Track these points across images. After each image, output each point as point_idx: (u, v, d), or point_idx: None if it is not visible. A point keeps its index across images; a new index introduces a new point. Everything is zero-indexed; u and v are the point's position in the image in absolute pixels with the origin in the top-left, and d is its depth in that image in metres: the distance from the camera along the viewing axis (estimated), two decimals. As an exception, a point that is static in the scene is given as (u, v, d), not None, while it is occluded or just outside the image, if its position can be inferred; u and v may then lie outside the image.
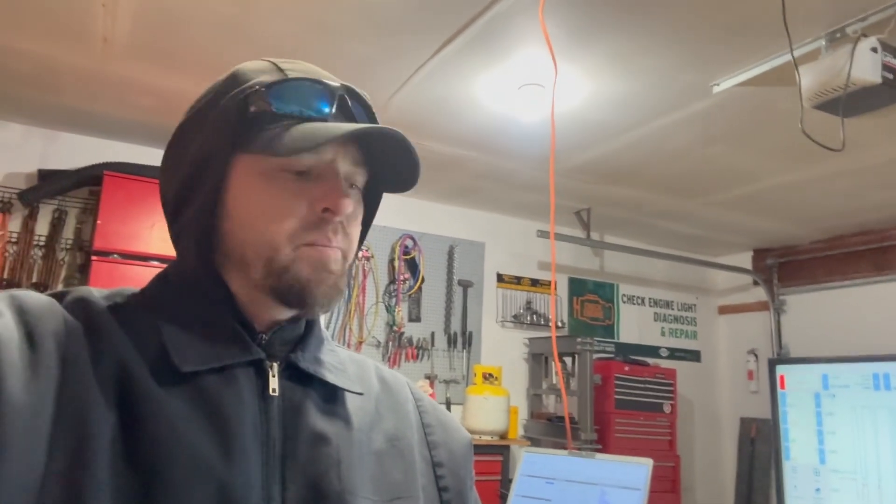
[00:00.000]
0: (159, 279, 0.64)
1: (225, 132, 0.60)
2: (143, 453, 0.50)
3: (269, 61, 0.64)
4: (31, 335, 0.50)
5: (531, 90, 2.67)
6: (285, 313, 0.62)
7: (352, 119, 0.63)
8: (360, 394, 0.66)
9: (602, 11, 2.14)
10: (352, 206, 0.60)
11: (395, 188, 0.67)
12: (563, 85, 2.64)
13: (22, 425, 0.46)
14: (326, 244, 0.60)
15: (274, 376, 0.60)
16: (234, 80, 0.62)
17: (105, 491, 0.48)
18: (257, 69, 0.62)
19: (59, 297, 0.56)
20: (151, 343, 0.56)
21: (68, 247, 3.29)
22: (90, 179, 3.22)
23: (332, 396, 0.63)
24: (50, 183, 3.20)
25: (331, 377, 0.64)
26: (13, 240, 3.18)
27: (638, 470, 1.34)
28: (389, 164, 0.64)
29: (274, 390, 0.59)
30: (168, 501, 0.50)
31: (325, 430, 0.60)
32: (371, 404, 0.67)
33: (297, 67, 0.63)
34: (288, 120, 0.59)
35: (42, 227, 3.24)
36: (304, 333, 0.65)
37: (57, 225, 3.26)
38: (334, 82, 0.63)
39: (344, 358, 0.69)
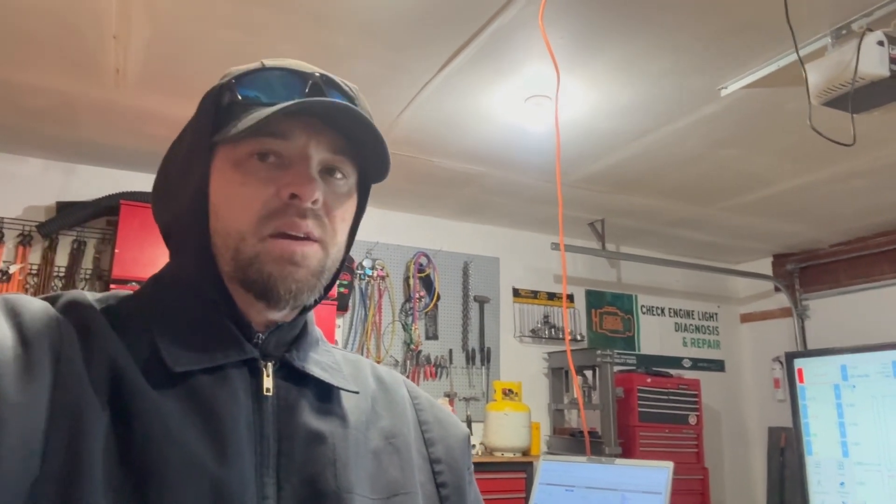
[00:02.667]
0: (153, 281, 0.64)
1: (204, 126, 0.60)
2: (136, 453, 0.50)
3: (260, 61, 0.64)
4: (24, 336, 0.51)
5: (538, 102, 2.68)
6: (272, 312, 0.61)
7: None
8: (356, 392, 0.65)
9: (605, 18, 2.15)
10: (319, 192, 0.58)
11: (374, 176, 0.66)
12: (569, 94, 2.64)
13: (17, 426, 0.46)
14: (293, 230, 0.58)
15: (268, 376, 0.60)
16: (221, 78, 0.63)
17: (99, 491, 0.48)
18: (243, 67, 0.63)
19: (52, 300, 0.57)
20: (144, 344, 0.56)
21: (87, 276, 3.33)
22: (107, 209, 3.29)
23: (327, 395, 0.63)
24: (68, 214, 3.26)
25: (325, 376, 0.63)
26: (33, 271, 3.24)
27: (658, 473, 1.31)
28: (366, 150, 0.63)
29: (268, 390, 0.59)
30: (162, 501, 0.49)
31: (321, 428, 0.59)
32: (367, 402, 0.67)
33: (280, 62, 0.63)
34: (257, 107, 0.58)
35: (61, 258, 3.30)
36: (299, 333, 0.65)
37: (76, 255, 3.32)
38: (312, 71, 0.63)
39: (339, 358, 0.69)
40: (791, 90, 2.51)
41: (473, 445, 3.79)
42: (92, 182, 3.42)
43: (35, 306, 0.54)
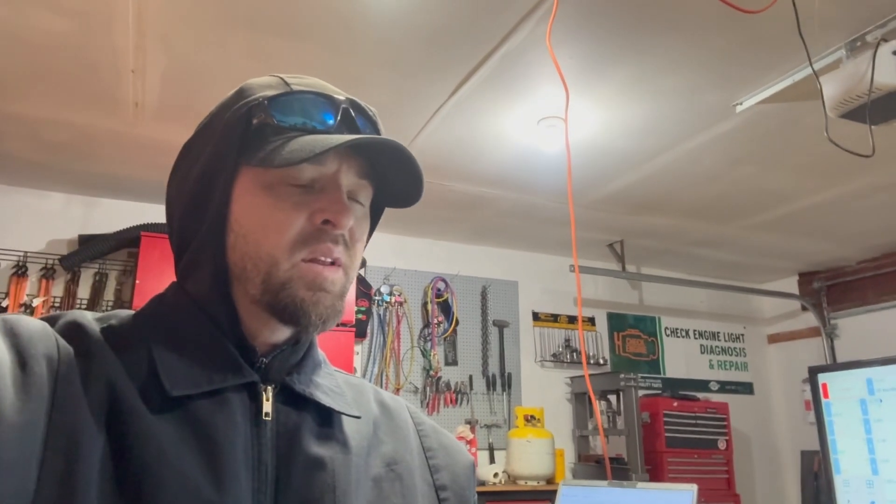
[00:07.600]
0: (157, 301, 0.63)
1: (229, 146, 0.60)
2: (131, 478, 0.50)
3: (276, 76, 0.64)
4: (22, 358, 0.50)
5: (551, 123, 2.68)
6: (283, 333, 0.61)
7: (356, 132, 0.62)
8: (357, 417, 0.64)
9: (614, 37, 2.15)
10: (353, 220, 0.59)
11: (399, 203, 0.66)
12: (582, 114, 2.64)
13: (13, 448, 0.46)
14: (326, 256, 0.59)
15: (268, 400, 0.59)
16: (241, 94, 0.62)
17: None
18: (264, 84, 0.63)
19: (51, 320, 0.57)
20: (143, 365, 0.56)
21: (109, 308, 3.37)
22: (128, 241, 3.33)
23: (328, 420, 0.62)
24: (90, 247, 3.31)
25: (327, 400, 0.62)
26: (56, 304, 3.28)
27: (682, 497, 1.26)
28: (392, 178, 0.63)
29: (267, 414, 0.58)
30: None
31: (321, 454, 0.58)
32: (369, 428, 0.65)
33: (303, 82, 0.63)
34: (291, 132, 0.59)
35: (84, 291, 3.35)
36: (302, 357, 0.64)
37: (98, 287, 3.36)
38: (339, 95, 0.63)
39: (341, 382, 0.68)
40: (807, 104, 2.48)
41: (496, 474, 3.72)
42: (113, 215, 3.48)
43: (34, 327, 0.53)
